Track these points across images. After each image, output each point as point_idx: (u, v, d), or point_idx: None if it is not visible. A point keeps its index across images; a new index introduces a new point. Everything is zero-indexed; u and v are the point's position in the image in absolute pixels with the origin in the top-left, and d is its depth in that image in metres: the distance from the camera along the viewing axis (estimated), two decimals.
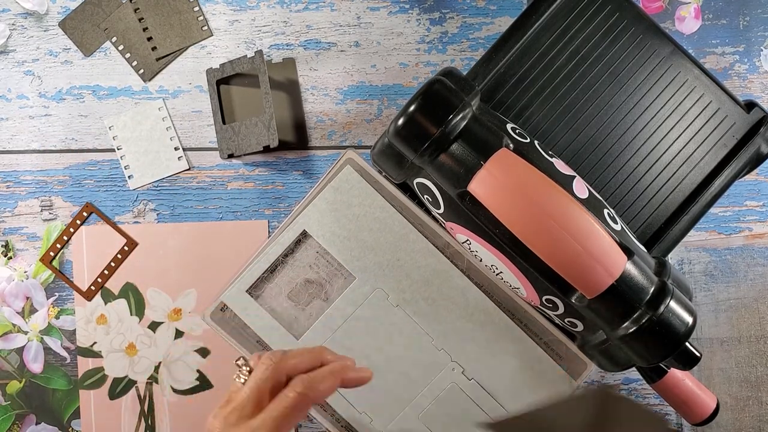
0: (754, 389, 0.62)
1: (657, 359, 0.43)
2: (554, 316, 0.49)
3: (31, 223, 0.62)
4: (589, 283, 0.42)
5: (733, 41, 0.63)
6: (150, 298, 0.62)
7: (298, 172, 0.63)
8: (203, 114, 0.63)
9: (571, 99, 0.51)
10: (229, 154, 0.62)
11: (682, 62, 0.52)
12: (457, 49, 0.63)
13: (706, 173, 0.51)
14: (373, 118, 0.63)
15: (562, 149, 0.51)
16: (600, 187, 0.51)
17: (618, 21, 0.51)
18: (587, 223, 0.42)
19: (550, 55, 0.51)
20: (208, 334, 0.62)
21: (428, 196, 0.48)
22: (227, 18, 0.63)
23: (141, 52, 0.63)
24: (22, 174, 0.63)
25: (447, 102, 0.43)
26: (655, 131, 0.52)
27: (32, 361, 0.62)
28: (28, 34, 0.63)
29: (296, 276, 0.54)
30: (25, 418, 0.62)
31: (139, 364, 0.62)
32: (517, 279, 0.47)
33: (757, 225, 0.63)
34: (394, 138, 0.44)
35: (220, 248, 0.62)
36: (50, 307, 0.62)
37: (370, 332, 0.53)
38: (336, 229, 0.53)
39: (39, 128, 0.63)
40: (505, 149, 0.43)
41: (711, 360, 0.62)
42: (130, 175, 0.63)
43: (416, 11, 0.63)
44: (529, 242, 0.42)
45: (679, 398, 0.50)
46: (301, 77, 0.63)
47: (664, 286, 0.43)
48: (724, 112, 0.52)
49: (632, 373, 0.62)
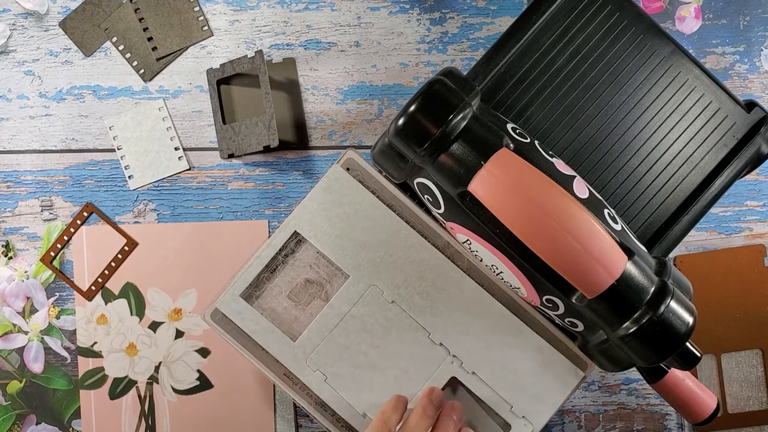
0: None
1: (657, 359, 0.43)
2: (554, 316, 0.49)
3: (31, 223, 0.62)
4: (589, 283, 0.42)
5: (733, 41, 0.63)
6: (150, 298, 0.62)
7: (299, 172, 0.63)
8: (203, 114, 0.63)
9: (571, 99, 0.51)
10: (230, 154, 0.62)
11: (682, 62, 0.52)
12: (458, 49, 0.63)
13: (707, 173, 0.51)
14: (374, 118, 0.63)
15: (562, 149, 0.51)
16: (600, 187, 0.51)
17: (618, 21, 0.51)
18: (587, 223, 0.42)
19: (550, 55, 0.51)
20: (208, 334, 0.62)
21: (428, 196, 0.48)
22: (227, 18, 0.63)
23: (141, 52, 0.63)
24: (22, 174, 0.63)
25: (447, 102, 0.43)
26: (655, 131, 0.52)
27: (33, 361, 0.62)
28: (28, 34, 0.63)
29: (296, 276, 0.54)
30: (25, 418, 0.62)
31: (139, 364, 0.62)
32: (517, 279, 0.47)
33: (757, 225, 0.63)
34: (395, 138, 0.44)
35: (221, 248, 0.62)
36: (51, 307, 0.62)
37: (366, 329, 0.53)
38: (327, 228, 0.53)
39: (39, 128, 0.63)
40: (506, 149, 0.43)
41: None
42: (130, 175, 0.63)
43: (416, 11, 0.63)
44: (530, 242, 0.42)
45: (679, 398, 0.50)
46: (301, 77, 0.63)
47: (665, 286, 0.43)
48: (725, 112, 0.52)
49: (632, 373, 0.63)
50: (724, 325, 0.62)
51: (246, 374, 0.61)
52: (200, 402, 0.62)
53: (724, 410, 0.62)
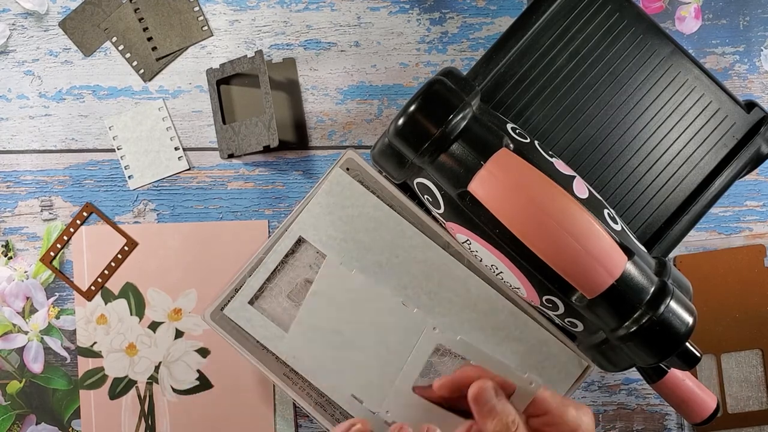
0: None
1: (657, 359, 0.43)
2: (554, 316, 0.49)
3: (31, 223, 0.62)
4: (589, 283, 0.42)
5: (733, 41, 0.63)
6: (150, 298, 0.62)
7: (298, 172, 0.63)
8: (203, 114, 0.63)
9: (571, 99, 0.51)
10: (229, 154, 0.62)
11: (682, 62, 0.52)
12: (457, 49, 0.63)
13: (706, 173, 0.51)
14: (374, 118, 0.63)
15: (562, 149, 0.51)
16: (600, 187, 0.51)
17: (618, 21, 0.51)
18: (587, 223, 0.42)
19: (550, 55, 0.51)
20: (208, 334, 0.62)
21: (428, 196, 0.48)
22: (227, 18, 0.63)
23: (141, 52, 0.63)
24: (22, 174, 0.63)
25: (447, 102, 0.43)
26: (655, 131, 0.52)
27: (32, 361, 0.62)
28: (28, 34, 0.63)
29: (296, 276, 0.54)
30: (25, 418, 0.62)
31: (139, 364, 0.62)
32: (517, 279, 0.47)
33: (757, 225, 0.63)
34: (395, 138, 0.44)
35: (220, 248, 0.62)
36: (50, 307, 0.62)
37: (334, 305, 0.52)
38: (332, 231, 0.53)
39: (39, 128, 0.63)
40: (506, 149, 0.43)
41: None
42: (130, 175, 0.63)
43: (416, 11, 0.63)
44: (529, 242, 0.42)
45: (679, 398, 0.50)
46: (301, 77, 0.63)
47: (665, 286, 0.43)
48: (724, 112, 0.52)
49: (632, 373, 0.63)
50: (724, 325, 0.62)
51: (246, 374, 0.61)
52: (200, 402, 0.62)
53: (723, 410, 0.62)
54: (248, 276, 0.54)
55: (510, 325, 0.53)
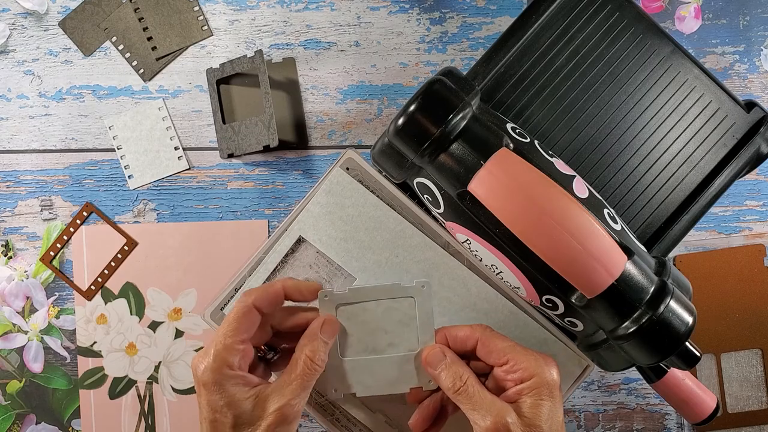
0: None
1: (657, 359, 0.43)
2: (554, 316, 0.49)
3: (31, 222, 0.62)
4: (589, 283, 0.42)
5: (733, 41, 0.63)
6: (150, 297, 0.62)
7: (298, 172, 0.63)
8: (203, 114, 0.63)
9: (571, 99, 0.51)
10: (229, 153, 0.62)
11: (682, 62, 0.52)
12: (457, 48, 0.63)
13: (706, 173, 0.51)
14: (373, 117, 0.63)
15: (562, 149, 0.51)
16: (600, 186, 0.51)
17: (618, 21, 0.51)
18: (587, 223, 0.42)
19: (550, 54, 0.51)
20: (208, 333, 0.62)
21: (428, 196, 0.48)
22: (227, 18, 0.63)
23: (141, 52, 0.63)
24: (22, 174, 0.63)
25: (447, 102, 0.43)
26: (655, 131, 0.52)
27: (32, 360, 0.62)
28: (28, 33, 0.63)
29: (296, 276, 0.54)
30: (25, 417, 0.62)
31: (139, 363, 0.62)
32: (517, 279, 0.47)
33: (757, 225, 0.63)
34: (394, 138, 0.44)
35: (220, 248, 0.62)
36: (50, 307, 0.62)
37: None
38: (332, 231, 0.53)
39: (39, 128, 0.63)
40: (505, 149, 0.43)
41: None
42: (130, 175, 0.63)
43: (416, 11, 0.63)
44: (529, 242, 0.42)
45: (679, 398, 0.50)
46: (301, 77, 0.63)
47: (665, 286, 0.43)
48: (724, 111, 0.52)
49: (632, 373, 0.63)
50: (724, 325, 0.62)
51: None
52: None
53: (723, 410, 0.62)
54: (248, 276, 0.54)
55: (510, 324, 0.53)
